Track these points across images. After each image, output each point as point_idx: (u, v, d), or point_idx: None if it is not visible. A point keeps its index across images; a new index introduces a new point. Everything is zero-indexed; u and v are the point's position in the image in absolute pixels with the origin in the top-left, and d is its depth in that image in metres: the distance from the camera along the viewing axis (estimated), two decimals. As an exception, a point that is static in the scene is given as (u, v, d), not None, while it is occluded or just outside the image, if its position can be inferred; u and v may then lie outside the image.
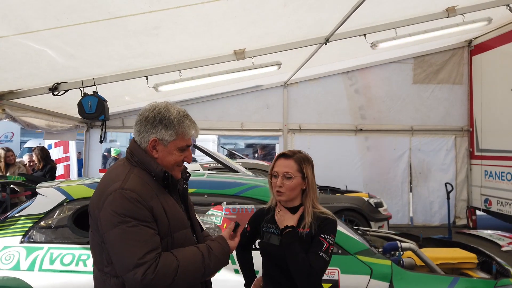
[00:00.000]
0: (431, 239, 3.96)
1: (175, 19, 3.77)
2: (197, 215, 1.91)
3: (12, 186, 5.68)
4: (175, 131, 1.62)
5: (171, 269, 1.46)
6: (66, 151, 8.82)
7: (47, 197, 2.97)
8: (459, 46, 8.44)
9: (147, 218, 1.49)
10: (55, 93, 4.85)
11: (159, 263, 1.44)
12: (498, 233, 7.07)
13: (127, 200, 1.48)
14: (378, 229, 5.41)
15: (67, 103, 5.51)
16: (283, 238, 1.84)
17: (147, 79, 5.06)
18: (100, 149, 8.60)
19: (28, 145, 14.73)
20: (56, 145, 8.80)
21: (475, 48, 8.33)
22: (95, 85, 4.92)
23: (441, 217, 8.31)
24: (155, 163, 1.62)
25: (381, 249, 3.08)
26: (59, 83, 4.82)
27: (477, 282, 2.77)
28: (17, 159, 7.16)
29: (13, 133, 18.69)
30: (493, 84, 7.82)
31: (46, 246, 2.76)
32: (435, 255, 3.13)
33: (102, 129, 5.67)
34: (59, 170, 8.45)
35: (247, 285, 2.15)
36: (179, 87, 5.64)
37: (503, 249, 6.11)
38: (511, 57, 7.29)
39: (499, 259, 3.14)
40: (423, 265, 2.96)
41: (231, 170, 4.76)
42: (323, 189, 7.30)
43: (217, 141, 19.57)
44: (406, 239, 3.55)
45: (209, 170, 6.29)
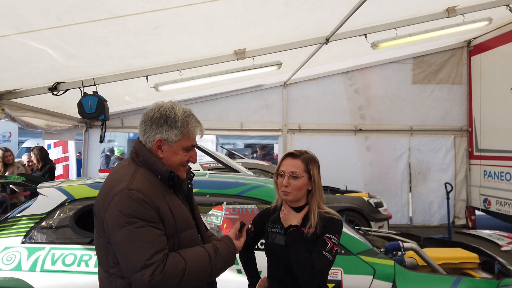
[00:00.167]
0: (432, 239, 3.97)
1: (176, 18, 3.76)
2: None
3: (11, 186, 5.65)
4: (180, 131, 1.61)
5: (179, 269, 1.46)
6: (65, 151, 8.81)
7: (48, 197, 2.96)
8: (458, 46, 8.44)
9: (154, 218, 1.48)
10: (55, 93, 4.83)
11: (167, 264, 1.43)
12: (497, 233, 7.08)
13: (134, 200, 1.47)
14: (378, 229, 5.41)
15: (66, 103, 5.48)
16: (287, 237, 1.83)
17: (147, 79, 5.05)
18: (99, 149, 8.56)
19: (26, 145, 14.68)
20: (55, 145, 8.79)
21: (474, 48, 8.34)
22: (95, 85, 4.91)
23: (440, 217, 8.32)
24: (160, 163, 1.61)
25: (383, 249, 3.08)
26: (59, 83, 4.81)
27: (480, 282, 2.77)
28: (16, 159, 7.12)
29: (10, 133, 18.60)
30: (492, 84, 7.83)
31: (47, 246, 2.74)
32: (436, 255, 3.13)
33: (102, 129, 5.66)
34: (58, 170, 8.43)
35: (251, 286, 2.13)
36: (179, 87, 5.63)
37: (503, 249, 6.11)
38: (510, 57, 7.31)
39: (501, 259, 3.14)
40: (425, 265, 2.97)
41: (232, 170, 4.74)
42: (323, 189, 7.27)
43: (216, 141, 19.52)
44: (407, 239, 3.55)
45: (209, 170, 6.28)
